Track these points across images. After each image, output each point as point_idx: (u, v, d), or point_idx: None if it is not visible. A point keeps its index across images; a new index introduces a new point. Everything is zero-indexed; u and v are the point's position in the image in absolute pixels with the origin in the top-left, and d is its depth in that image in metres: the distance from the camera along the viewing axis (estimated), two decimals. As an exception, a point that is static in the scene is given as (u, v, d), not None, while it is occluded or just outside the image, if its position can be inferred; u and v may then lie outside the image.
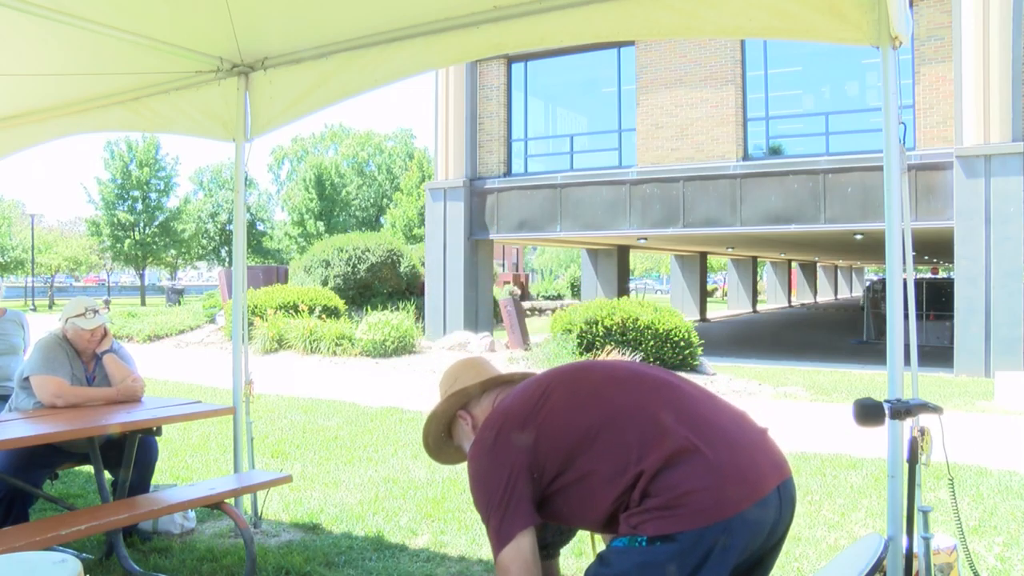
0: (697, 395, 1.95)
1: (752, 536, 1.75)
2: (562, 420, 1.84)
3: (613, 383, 1.93)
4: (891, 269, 2.61)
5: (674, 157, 15.40)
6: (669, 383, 1.95)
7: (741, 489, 1.73)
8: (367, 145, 59.21)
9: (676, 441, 1.76)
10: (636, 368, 2.03)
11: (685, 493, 1.70)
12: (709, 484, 1.71)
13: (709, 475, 1.72)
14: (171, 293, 34.46)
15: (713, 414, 1.88)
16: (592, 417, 1.83)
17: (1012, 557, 4.00)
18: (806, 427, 7.93)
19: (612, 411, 1.84)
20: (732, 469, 1.75)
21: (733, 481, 1.73)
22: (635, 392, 1.90)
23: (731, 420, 1.90)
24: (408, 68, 3.66)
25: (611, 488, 1.77)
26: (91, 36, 3.64)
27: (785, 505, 1.84)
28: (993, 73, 12.04)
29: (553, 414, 1.86)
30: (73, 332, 3.96)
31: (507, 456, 1.83)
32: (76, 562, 1.99)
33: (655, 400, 1.87)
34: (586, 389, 1.91)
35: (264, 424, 7.50)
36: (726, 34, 3.04)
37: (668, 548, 1.67)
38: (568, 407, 1.87)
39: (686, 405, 1.87)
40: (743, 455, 1.81)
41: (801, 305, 40.12)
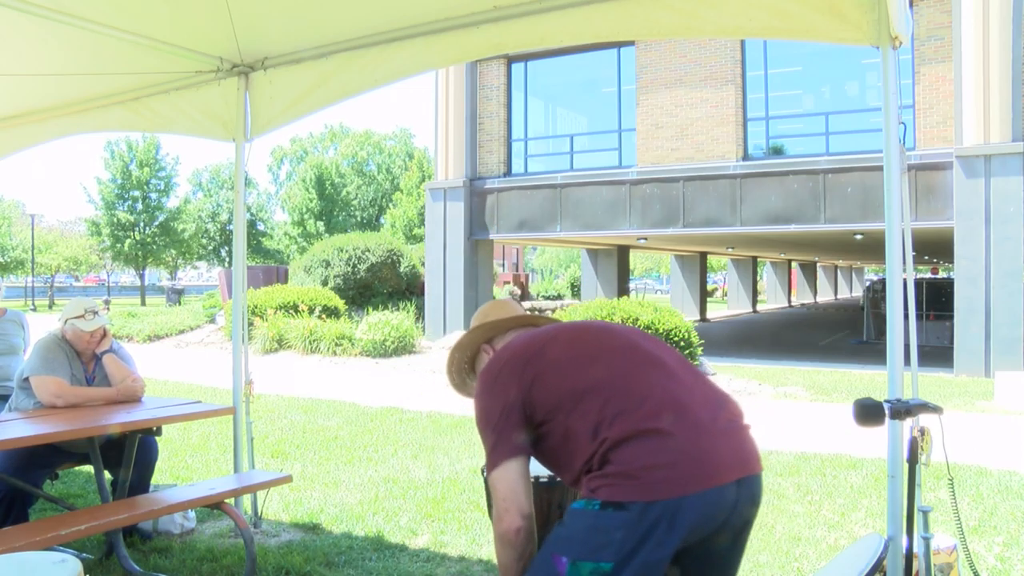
0: (682, 376, 1.98)
1: (700, 521, 1.78)
2: (555, 374, 1.94)
3: (608, 352, 1.99)
4: (891, 269, 2.61)
5: (674, 157, 15.40)
6: (659, 360, 2.01)
7: (696, 473, 1.77)
8: (367, 145, 59.18)
9: (645, 418, 1.82)
10: (634, 339, 2.07)
11: (642, 467, 1.76)
12: (666, 462, 1.77)
13: (668, 454, 1.78)
14: (171, 293, 34.47)
15: (691, 398, 1.92)
16: (580, 380, 1.91)
17: (1012, 557, 4.00)
18: (806, 427, 7.93)
19: (599, 378, 1.92)
20: (692, 453, 1.80)
21: (690, 464, 1.78)
22: (625, 364, 1.97)
23: (707, 407, 1.93)
24: (408, 68, 3.66)
25: (583, 449, 1.84)
26: (91, 36, 3.64)
27: (743, 500, 1.86)
28: (993, 73, 12.04)
29: (549, 366, 1.95)
30: (72, 333, 3.96)
31: (507, 388, 1.93)
32: (76, 562, 1.99)
33: (640, 376, 1.93)
34: (583, 352, 1.99)
35: (264, 424, 7.50)
36: (726, 34, 3.04)
37: (618, 515, 1.73)
38: (562, 364, 1.95)
39: (667, 385, 1.92)
40: (707, 442, 1.84)
41: (801, 305, 40.11)
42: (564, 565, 1.74)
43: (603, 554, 1.71)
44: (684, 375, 1.99)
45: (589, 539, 1.73)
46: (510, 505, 1.86)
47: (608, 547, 1.71)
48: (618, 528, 1.71)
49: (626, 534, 1.71)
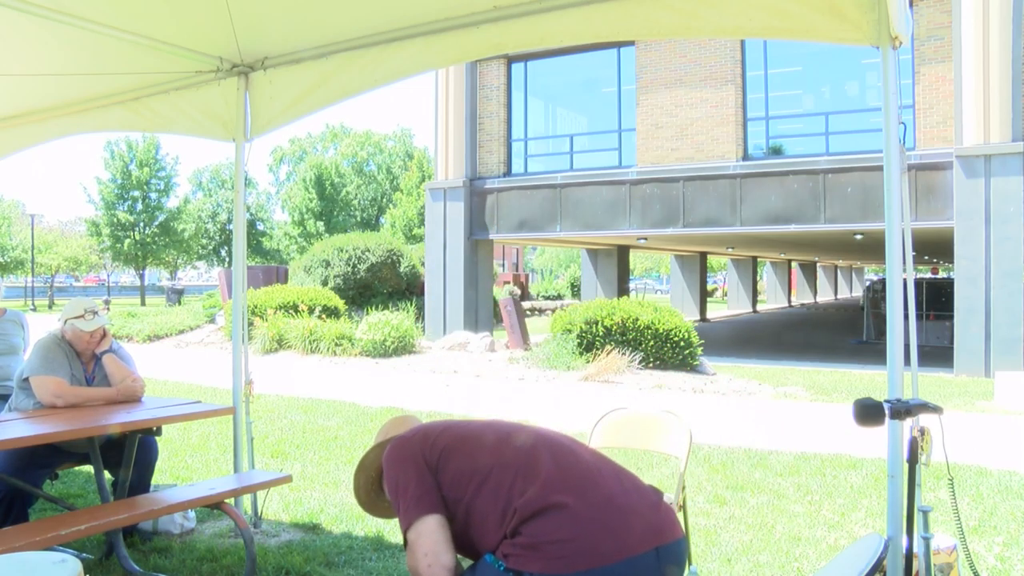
0: (586, 456, 2.04)
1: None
2: (461, 453, 1.99)
3: (511, 436, 2.06)
4: (891, 269, 2.61)
5: (674, 157, 15.40)
6: (561, 444, 2.06)
7: (603, 547, 1.80)
8: (367, 145, 59.19)
9: (552, 493, 1.86)
10: (535, 431, 2.13)
11: (548, 541, 1.80)
12: (571, 536, 1.80)
13: (575, 527, 1.81)
14: (171, 293, 34.47)
15: (597, 474, 1.97)
16: (486, 458, 1.96)
17: (1012, 557, 4.00)
18: (806, 427, 7.93)
19: (506, 457, 1.96)
20: (600, 526, 1.83)
21: (596, 538, 1.81)
22: (529, 445, 2.01)
23: (616, 482, 1.98)
24: (408, 68, 3.66)
25: (493, 529, 1.88)
26: (91, 36, 3.64)
27: (664, 567, 1.89)
28: (993, 73, 12.04)
29: (455, 443, 2.01)
30: (72, 333, 3.96)
31: (419, 458, 1.98)
32: (76, 562, 1.99)
33: (544, 455, 1.97)
34: (487, 435, 2.06)
35: (264, 424, 7.50)
36: (726, 34, 3.04)
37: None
38: (468, 442, 2.02)
39: (571, 462, 1.97)
40: (616, 515, 1.87)
41: (801, 305, 40.12)
42: None
43: None
44: (584, 452, 2.06)
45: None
46: (433, 560, 1.85)
47: None
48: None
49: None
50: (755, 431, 7.63)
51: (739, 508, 4.88)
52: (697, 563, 3.81)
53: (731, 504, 4.97)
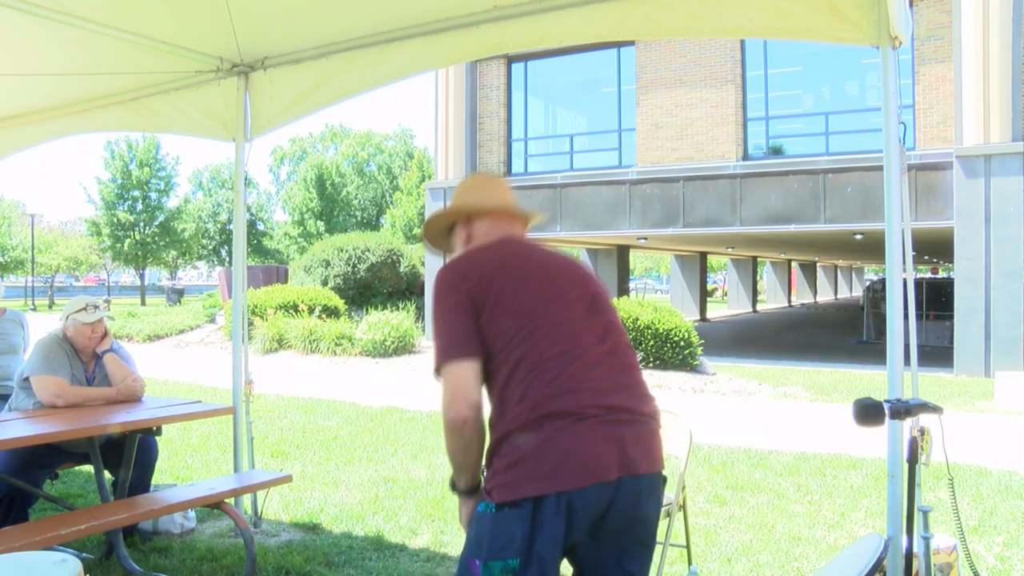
0: (604, 363, 1.97)
1: (586, 515, 1.83)
2: (505, 309, 1.94)
3: (552, 312, 1.97)
4: (891, 269, 2.61)
5: (674, 157, 15.40)
6: (588, 341, 1.97)
7: (581, 470, 1.81)
8: (367, 145, 59.17)
9: (547, 404, 1.85)
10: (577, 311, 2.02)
11: (532, 462, 1.82)
12: (553, 458, 1.82)
13: (556, 449, 1.82)
14: (171, 293, 34.47)
15: (607, 387, 1.92)
16: (522, 326, 1.92)
17: (1012, 557, 4.01)
18: (806, 427, 7.93)
19: (535, 338, 1.91)
20: (581, 449, 1.83)
21: (578, 461, 1.82)
22: (559, 335, 1.94)
23: (614, 398, 1.93)
24: (408, 68, 3.66)
25: (506, 413, 1.89)
26: (91, 36, 3.64)
27: (622, 499, 1.87)
28: (993, 73, 12.04)
29: (500, 306, 1.94)
30: (74, 328, 3.96)
31: (466, 298, 1.94)
32: (76, 562, 1.99)
33: (564, 355, 1.91)
34: (531, 299, 1.98)
35: (264, 424, 7.50)
36: (726, 34, 3.04)
37: (513, 513, 1.81)
38: (512, 302, 1.95)
39: (584, 374, 1.91)
40: (596, 439, 1.86)
41: (801, 305, 40.11)
42: (478, 567, 1.82)
43: (508, 552, 1.79)
44: (607, 361, 1.98)
45: (494, 541, 1.81)
46: (458, 394, 1.88)
47: (511, 545, 1.79)
48: (516, 527, 1.79)
49: (524, 531, 1.78)
50: (755, 431, 7.63)
51: (739, 508, 4.88)
52: (697, 563, 3.81)
53: (731, 504, 4.97)
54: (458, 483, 2.00)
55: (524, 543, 1.79)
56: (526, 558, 1.79)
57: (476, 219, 2.20)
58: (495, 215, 2.20)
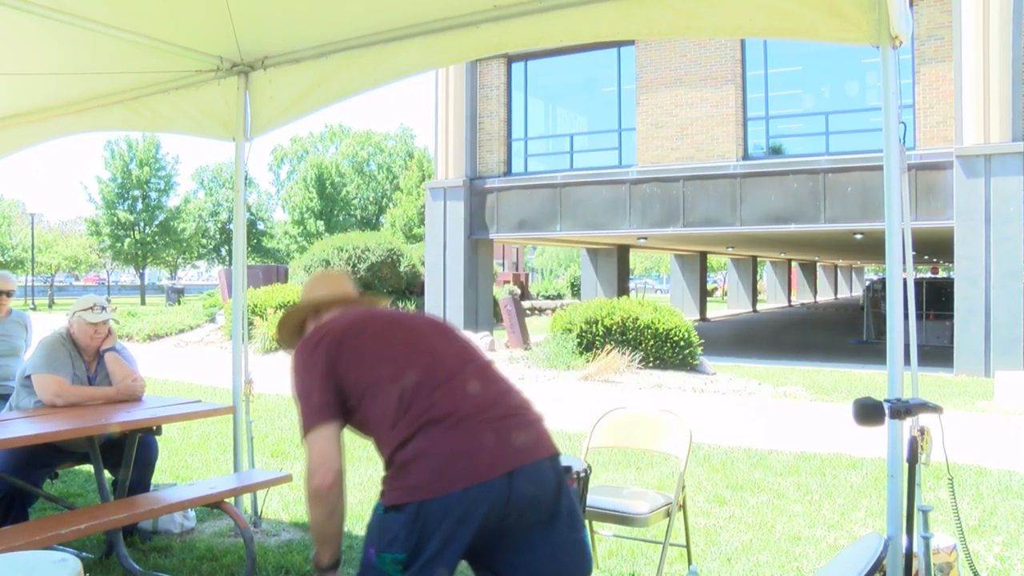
0: (468, 375, 2.09)
1: (475, 515, 1.90)
2: (362, 362, 2.09)
3: (409, 352, 2.12)
4: (891, 269, 2.61)
5: (674, 157, 15.39)
6: (448, 361, 2.11)
7: (462, 471, 1.91)
8: (367, 144, 59.17)
9: (423, 417, 1.97)
10: (433, 341, 2.17)
11: (416, 469, 1.93)
12: (436, 464, 1.93)
13: (438, 455, 1.94)
14: (171, 292, 34.44)
15: (470, 398, 2.04)
16: (381, 373, 2.06)
17: (1012, 557, 4.01)
18: (806, 427, 7.93)
19: (397, 374, 2.05)
20: (460, 452, 1.94)
21: (457, 463, 1.93)
22: (420, 366, 2.08)
23: (486, 404, 2.04)
24: (408, 68, 3.66)
25: (383, 441, 2.02)
26: (91, 35, 3.64)
27: (518, 491, 1.94)
28: (993, 73, 12.04)
29: (358, 350, 2.09)
30: (78, 326, 3.96)
31: (320, 361, 2.07)
32: (76, 561, 1.99)
33: (429, 378, 2.05)
34: (387, 348, 2.12)
35: (264, 423, 7.50)
36: (726, 34, 3.04)
37: (397, 517, 1.92)
38: (369, 354, 2.10)
39: (450, 387, 2.04)
40: (474, 439, 1.96)
41: (801, 305, 40.10)
42: (372, 555, 1.95)
43: (395, 547, 1.91)
44: (475, 373, 2.11)
45: (382, 536, 1.94)
46: (322, 462, 1.98)
47: (396, 542, 1.91)
48: (400, 528, 1.91)
49: (407, 532, 1.90)
50: (755, 431, 7.63)
51: (739, 508, 4.88)
52: (697, 563, 3.81)
53: (731, 504, 4.97)
54: (322, 559, 2.06)
55: (408, 541, 1.89)
56: (411, 554, 1.89)
57: (324, 311, 2.34)
58: (341, 304, 2.34)
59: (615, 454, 5.99)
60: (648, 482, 5.36)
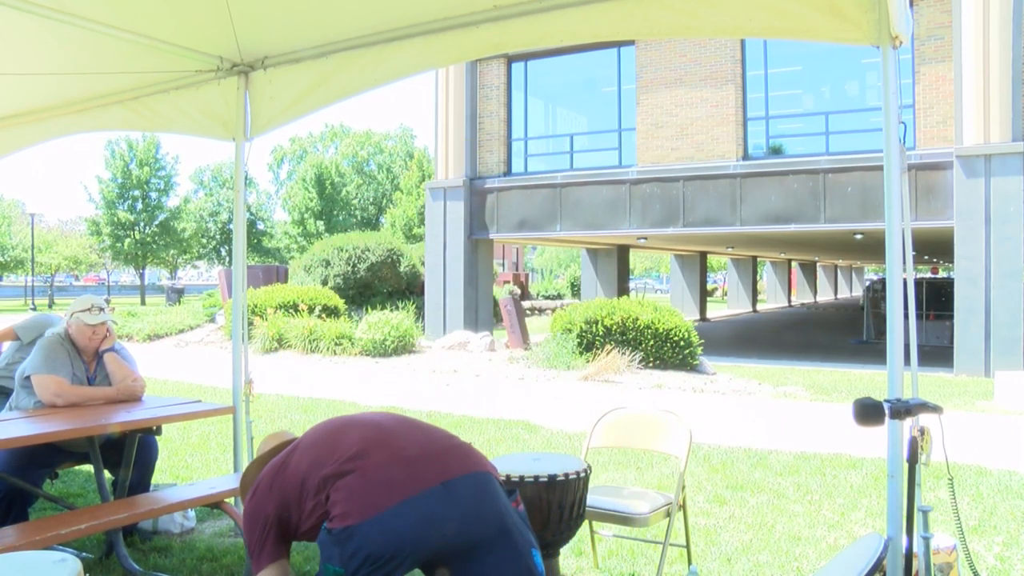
0: (391, 425, 2.41)
1: (400, 535, 2.12)
2: (290, 480, 2.35)
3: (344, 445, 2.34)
4: (891, 269, 2.61)
5: (674, 157, 15.40)
6: (376, 424, 2.41)
7: (379, 497, 2.15)
8: (367, 144, 59.18)
9: (345, 463, 2.24)
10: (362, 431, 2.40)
11: (339, 499, 2.19)
12: (356, 494, 2.18)
13: (356, 487, 2.19)
14: (171, 292, 34.42)
15: (395, 442, 2.31)
16: (306, 468, 2.32)
17: (1012, 557, 4.01)
18: (806, 427, 7.93)
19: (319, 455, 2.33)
20: (378, 480, 2.19)
21: (382, 487, 2.17)
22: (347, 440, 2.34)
23: (414, 441, 2.33)
24: (408, 68, 3.66)
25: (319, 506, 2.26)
26: (91, 35, 3.64)
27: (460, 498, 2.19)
28: (993, 73, 12.04)
29: (287, 477, 2.36)
30: (76, 327, 3.96)
31: (263, 506, 2.36)
32: (76, 561, 1.99)
33: (354, 440, 2.32)
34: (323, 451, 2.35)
35: (264, 424, 7.50)
36: (726, 34, 3.03)
37: (329, 538, 2.16)
38: (296, 469, 2.36)
39: (374, 434, 2.34)
40: (396, 468, 2.22)
41: (801, 305, 40.11)
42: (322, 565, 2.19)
43: (333, 562, 2.15)
44: (392, 425, 2.42)
45: (324, 551, 2.18)
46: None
47: (333, 558, 2.15)
48: (333, 547, 2.15)
49: (340, 551, 2.13)
50: (755, 431, 7.63)
51: (739, 508, 4.88)
52: (697, 563, 3.82)
53: (731, 504, 4.97)
54: None
55: (343, 559, 2.12)
56: (346, 569, 2.12)
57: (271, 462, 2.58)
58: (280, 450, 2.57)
59: (615, 454, 5.99)
60: (648, 482, 5.36)
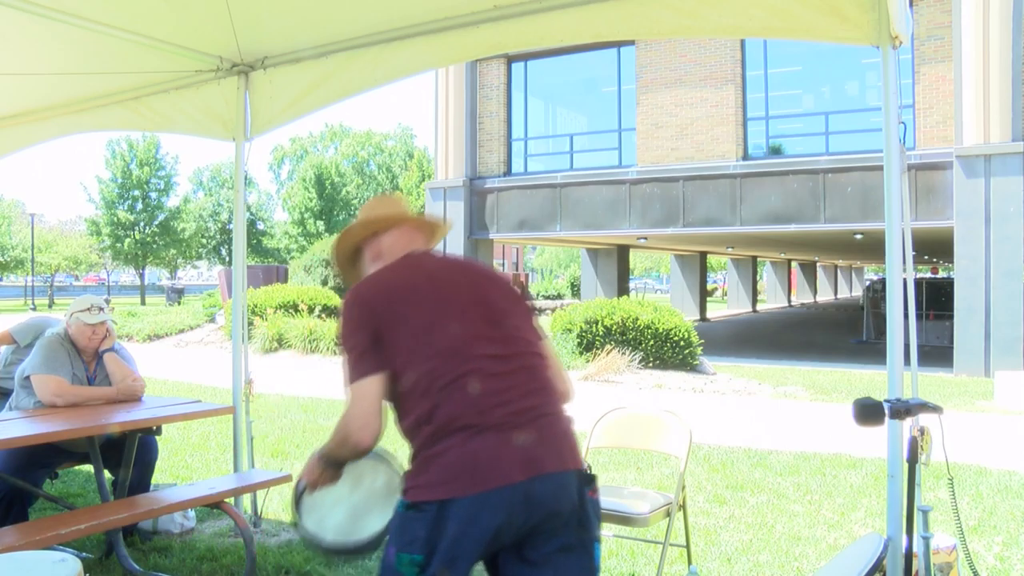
0: (510, 362, 2.01)
1: (496, 520, 1.86)
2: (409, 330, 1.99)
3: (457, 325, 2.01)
4: (891, 269, 2.61)
5: (674, 157, 15.40)
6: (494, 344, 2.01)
7: (484, 474, 1.87)
8: (367, 144, 59.20)
9: (455, 417, 1.90)
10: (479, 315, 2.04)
11: (439, 468, 1.89)
12: (459, 464, 1.88)
13: (462, 456, 1.88)
14: (171, 292, 34.44)
15: (510, 395, 1.96)
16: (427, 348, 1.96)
17: (1011, 557, 4.01)
18: (806, 427, 7.93)
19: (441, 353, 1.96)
20: (485, 454, 1.88)
21: (481, 465, 1.87)
22: (465, 347, 1.98)
23: (520, 401, 1.96)
24: (408, 68, 3.66)
25: (413, 430, 1.96)
26: (91, 35, 3.64)
27: (536, 500, 1.90)
28: (993, 73, 12.04)
29: (407, 316, 1.99)
30: (76, 327, 3.96)
31: (373, 315, 1.99)
32: (76, 561, 1.99)
33: (470, 365, 1.96)
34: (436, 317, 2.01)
35: (264, 423, 7.50)
36: (726, 33, 3.03)
37: (418, 516, 1.88)
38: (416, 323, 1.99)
39: (490, 381, 1.96)
40: (501, 442, 1.90)
41: (801, 305, 40.11)
42: (392, 554, 1.92)
43: (414, 547, 1.88)
44: (509, 369, 2.01)
45: (403, 535, 1.91)
46: (368, 422, 1.94)
47: (415, 542, 1.88)
48: (420, 527, 1.87)
49: (428, 531, 1.86)
50: (755, 431, 7.63)
51: (739, 508, 4.88)
52: (697, 563, 3.81)
53: (731, 504, 4.97)
54: (325, 457, 2.05)
55: (427, 542, 1.86)
56: (428, 555, 1.86)
57: (382, 233, 2.24)
58: (399, 226, 2.24)
59: (615, 454, 5.99)
60: (648, 482, 5.36)
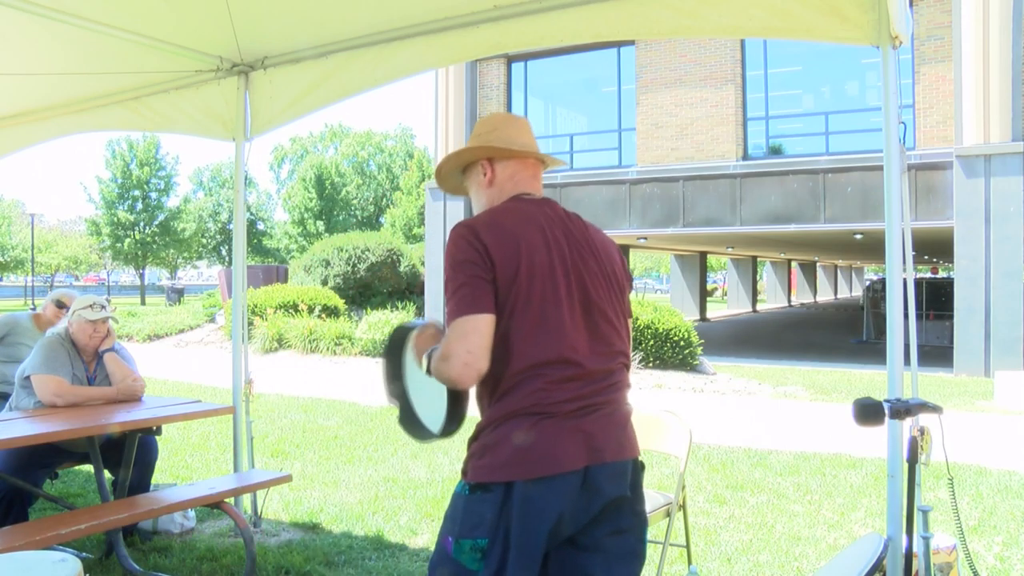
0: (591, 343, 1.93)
1: (560, 505, 1.80)
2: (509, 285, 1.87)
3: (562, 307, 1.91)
4: (891, 269, 2.61)
5: (674, 157, 15.40)
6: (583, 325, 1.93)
7: (552, 458, 1.80)
8: (367, 144, 59.16)
9: (532, 394, 1.82)
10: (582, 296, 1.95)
11: (507, 448, 1.81)
12: (529, 445, 1.80)
13: (533, 436, 1.81)
14: (171, 292, 34.44)
15: (593, 389, 1.89)
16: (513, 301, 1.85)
17: (1011, 557, 4.01)
18: (806, 427, 7.93)
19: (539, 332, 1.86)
20: (554, 437, 1.81)
21: (550, 449, 1.80)
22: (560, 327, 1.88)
23: (593, 390, 1.90)
24: (408, 68, 3.66)
25: (489, 389, 1.87)
26: (92, 35, 3.64)
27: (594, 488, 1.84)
28: (993, 73, 12.04)
29: (503, 271, 1.87)
30: (77, 325, 3.96)
31: (482, 256, 1.86)
32: (76, 561, 1.99)
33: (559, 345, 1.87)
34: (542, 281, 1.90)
35: (264, 424, 7.50)
36: (726, 33, 3.03)
37: (485, 496, 1.81)
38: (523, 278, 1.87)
39: (582, 379, 1.88)
40: (570, 428, 1.84)
41: (801, 305, 40.11)
42: (450, 544, 1.83)
43: (478, 532, 1.79)
44: (599, 359, 1.93)
45: (466, 520, 1.82)
46: (473, 360, 1.80)
47: (481, 525, 1.79)
48: (488, 508, 1.79)
49: (494, 513, 1.79)
50: (755, 431, 7.63)
51: (739, 508, 4.88)
52: (697, 563, 3.81)
53: (731, 504, 4.97)
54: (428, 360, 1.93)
55: (493, 525, 1.79)
56: (494, 538, 1.79)
57: (499, 161, 2.09)
58: (519, 159, 2.09)
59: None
60: (648, 482, 5.34)
